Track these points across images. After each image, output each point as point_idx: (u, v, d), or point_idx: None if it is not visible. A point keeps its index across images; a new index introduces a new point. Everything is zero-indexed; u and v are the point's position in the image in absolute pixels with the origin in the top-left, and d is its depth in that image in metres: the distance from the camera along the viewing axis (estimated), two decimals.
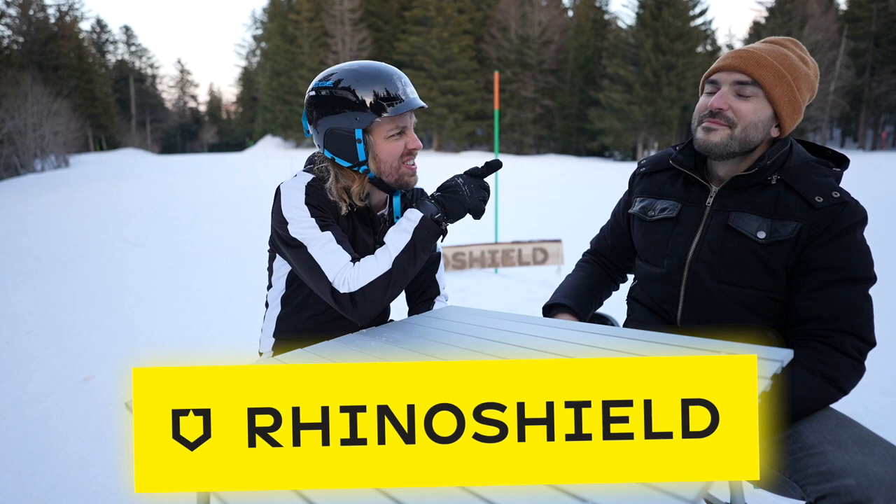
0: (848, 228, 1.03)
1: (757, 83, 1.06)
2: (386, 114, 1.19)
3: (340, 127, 1.21)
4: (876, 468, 0.85)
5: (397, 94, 1.20)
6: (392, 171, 1.25)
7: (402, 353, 0.99)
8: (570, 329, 1.08)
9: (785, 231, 1.06)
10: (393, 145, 1.23)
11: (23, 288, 5.06)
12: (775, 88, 1.06)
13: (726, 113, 1.08)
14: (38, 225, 8.85)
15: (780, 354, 0.84)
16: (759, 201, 1.11)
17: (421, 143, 1.28)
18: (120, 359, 3.21)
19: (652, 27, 32.78)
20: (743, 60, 1.07)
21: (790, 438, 0.98)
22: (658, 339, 0.97)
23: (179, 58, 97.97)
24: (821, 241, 1.04)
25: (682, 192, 1.23)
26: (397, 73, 1.24)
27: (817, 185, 1.07)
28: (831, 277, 1.03)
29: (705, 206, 1.18)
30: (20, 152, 24.80)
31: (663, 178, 1.29)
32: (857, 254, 1.04)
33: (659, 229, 1.24)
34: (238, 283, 4.98)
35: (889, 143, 35.51)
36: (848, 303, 1.02)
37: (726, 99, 1.08)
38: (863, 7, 35.84)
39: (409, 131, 1.26)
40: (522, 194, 11.84)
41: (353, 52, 38.06)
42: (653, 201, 1.28)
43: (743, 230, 1.10)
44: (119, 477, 1.98)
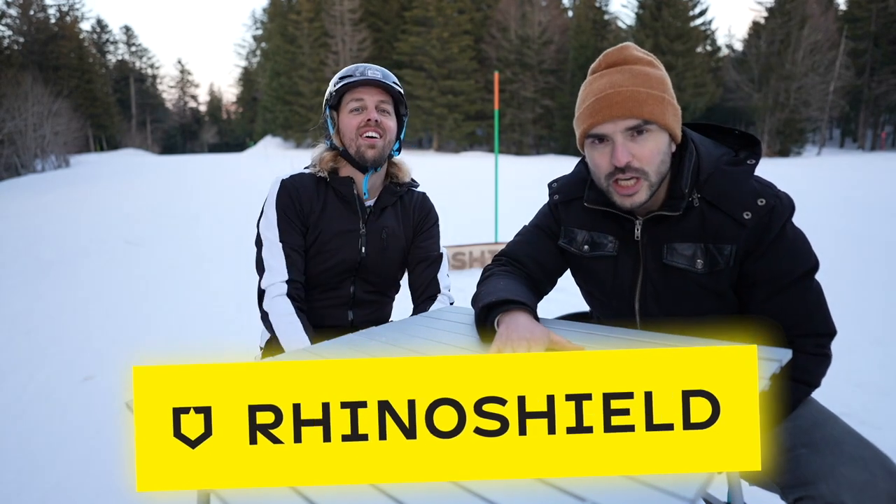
0: (779, 233, 1.00)
1: (648, 121, 0.99)
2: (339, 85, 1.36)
3: (324, 112, 1.45)
4: (845, 469, 0.85)
5: (354, 73, 1.37)
6: (350, 142, 1.38)
7: (402, 353, 0.99)
8: (569, 329, 1.08)
9: (722, 258, 1.03)
10: (352, 118, 1.37)
11: (23, 288, 5.06)
12: (665, 113, 1.00)
13: (633, 164, 1.00)
14: (38, 225, 8.85)
15: (779, 354, 0.84)
16: (687, 226, 1.06)
17: (377, 116, 1.37)
18: (120, 359, 3.21)
19: (652, 27, 32.79)
20: (623, 106, 0.99)
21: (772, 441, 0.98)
22: (657, 338, 0.97)
23: (179, 58, 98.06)
24: (756, 255, 1.02)
25: (613, 225, 1.15)
26: (369, 65, 1.41)
27: (740, 198, 1.02)
28: (776, 286, 1.01)
29: (636, 241, 1.12)
30: (20, 152, 24.81)
31: (584, 207, 1.19)
32: (793, 252, 1.01)
33: (598, 267, 1.17)
34: (238, 282, 4.99)
35: (889, 143, 35.51)
36: (799, 306, 1.00)
37: (628, 150, 1.00)
38: (862, 7, 35.84)
39: (369, 107, 1.37)
40: (522, 194, 11.83)
41: (353, 52, 38.04)
42: (585, 233, 1.19)
43: (680, 265, 1.06)
44: (119, 477, 1.98)
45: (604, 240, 1.16)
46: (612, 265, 1.15)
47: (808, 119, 34.12)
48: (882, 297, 3.96)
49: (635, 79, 1.00)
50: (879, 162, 19.52)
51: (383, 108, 1.39)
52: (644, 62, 1.04)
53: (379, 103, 1.38)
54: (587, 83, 1.07)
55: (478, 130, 39.00)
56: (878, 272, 4.73)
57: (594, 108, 1.02)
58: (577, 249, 1.19)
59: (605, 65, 1.05)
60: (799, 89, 32.96)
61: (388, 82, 1.38)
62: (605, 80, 1.02)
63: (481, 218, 7.49)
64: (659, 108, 1.00)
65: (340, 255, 1.41)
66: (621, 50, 1.05)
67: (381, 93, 1.39)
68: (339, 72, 1.44)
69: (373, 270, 1.46)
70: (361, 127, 1.36)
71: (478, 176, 14.62)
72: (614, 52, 1.05)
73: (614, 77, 1.02)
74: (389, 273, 1.51)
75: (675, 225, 1.07)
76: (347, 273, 1.43)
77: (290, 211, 1.38)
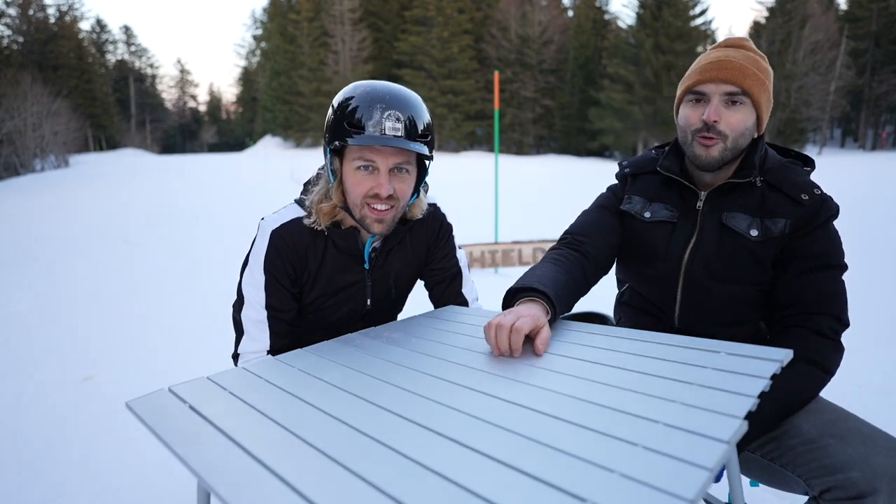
0: (825, 220, 1.10)
1: (746, 93, 1.11)
2: (350, 139, 1.07)
3: (326, 141, 1.15)
4: (879, 459, 0.87)
5: (366, 125, 1.06)
6: (355, 207, 1.14)
7: (402, 353, 0.99)
8: (569, 329, 1.08)
9: (776, 228, 1.11)
10: (358, 179, 1.11)
11: (23, 288, 5.06)
12: (761, 95, 1.12)
13: (719, 126, 1.11)
14: (37, 225, 8.85)
15: (780, 354, 0.84)
16: (747, 202, 1.16)
17: (389, 190, 1.11)
18: (120, 359, 3.21)
19: (652, 27, 32.74)
20: (730, 72, 1.10)
21: (789, 433, 0.99)
22: (658, 339, 0.97)
23: (179, 58, 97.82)
24: (802, 233, 1.11)
25: (675, 197, 1.24)
26: (390, 100, 1.08)
27: (799, 184, 1.13)
28: (811, 264, 1.09)
29: (697, 210, 1.21)
30: (20, 152, 24.80)
31: (651, 181, 1.30)
32: (832, 243, 1.11)
33: (656, 232, 1.24)
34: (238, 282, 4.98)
35: (889, 142, 35.48)
36: (826, 287, 1.08)
37: (719, 111, 1.11)
38: (863, 7, 35.83)
39: (381, 172, 1.10)
40: (522, 194, 11.84)
41: (352, 52, 38.02)
42: (646, 202, 1.28)
43: (737, 228, 1.14)
44: (119, 477, 1.98)
45: (665, 209, 1.24)
46: (668, 231, 1.23)
47: (809, 119, 34.08)
48: (883, 297, 3.96)
49: (747, 58, 1.12)
50: (880, 162, 19.51)
51: (400, 168, 1.13)
52: (758, 53, 1.15)
53: (395, 165, 1.12)
54: (703, 55, 1.19)
55: (478, 130, 38.98)
56: (880, 272, 4.73)
57: (705, 68, 1.13)
58: (638, 214, 1.28)
59: (725, 44, 1.17)
60: (800, 89, 32.93)
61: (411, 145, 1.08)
62: (720, 52, 1.14)
63: (481, 218, 7.49)
64: (759, 87, 1.11)
65: (345, 309, 1.27)
66: (740, 38, 1.17)
67: (402, 153, 1.11)
68: (347, 91, 1.12)
69: (380, 315, 1.34)
70: (369, 196, 1.12)
71: (478, 176, 14.62)
72: (735, 38, 1.18)
73: (730, 52, 1.13)
74: (398, 308, 1.42)
75: (737, 200, 1.16)
76: (353, 322, 1.31)
77: (282, 275, 1.17)
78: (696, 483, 0.51)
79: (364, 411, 0.74)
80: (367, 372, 0.90)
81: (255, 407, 0.77)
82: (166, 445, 0.68)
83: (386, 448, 0.63)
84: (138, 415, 0.77)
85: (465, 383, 0.81)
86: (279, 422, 0.72)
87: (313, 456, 0.63)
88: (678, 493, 0.50)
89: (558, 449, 0.60)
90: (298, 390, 0.83)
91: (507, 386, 0.79)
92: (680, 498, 0.49)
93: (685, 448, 0.58)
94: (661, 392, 0.73)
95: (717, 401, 0.69)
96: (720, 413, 0.65)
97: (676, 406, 0.68)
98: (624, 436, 0.61)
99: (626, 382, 0.77)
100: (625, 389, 0.75)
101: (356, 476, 0.58)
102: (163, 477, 1.96)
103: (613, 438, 0.61)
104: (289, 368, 0.94)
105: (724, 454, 0.56)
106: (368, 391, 0.81)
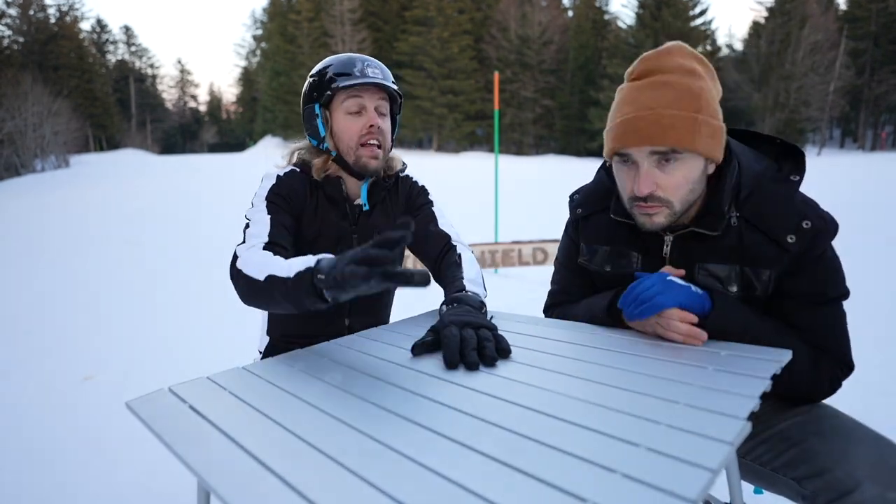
0: (820, 255, 0.96)
1: (676, 150, 0.93)
2: (335, 84, 1.22)
3: (305, 105, 1.29)
4: (858, 450, 0.87)
5: (352, 71, 1.24)
6: (349, 150, 1.26)
7: (402, 353, 0.99)
8: (569, 329, 1.08)
9: (760, 283, 0.98)
10: (350, 123, 1.25)
11: (23, 288, 5.06)
12: (694, 141, 0.93)
13: (657, 194, 0.96)
14: (38, 225, 8.85)
15: (780, 355, 0.84)
16: (723, 246, 1.00)
17: (378, 121, 1.25)
18: (120, 359, 3.21)
19: (652, 27, 32.79)
20: (648, 133, 0.93)
21: (778, 436, 0.99)
22: (658, 339, 0.97)
23: (179, 58, 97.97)
24: (796, 272, 0.97)
25: (637, 240, 1.09)
26: (364, 57, 1.28)
27: (784, 220, 0.96)
28: (806, 302, 0.97)
29: (664, 257, 1.06)
30: (20, 152, 24.82)
31: (605, 221, 1.15)
32: (829, 275, 0.97)
33: (623, 282, 1.08)
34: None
35: (889, 143, 35.50)
36: (825, 324, 0.97)
37: (652, 178, 0.95)
38: (863, 7, 35.83)
39: (369, 111, 1.25)
40: (522, 194, 11.84)
41: (352, 52, 38.00)
42: (604, 253, 1.14)
43: (714, 286, 1.00)
44: (119, 477, 1.98)
45: (626, 256, 1.11)
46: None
47: (809, 119, 34.12)
48: (883, 297, 3.96)
49: (664, 97, 0.93)
50: (880, 162, 19.52)
51: (381, 111, 1.28)
52: (682, 70, 0.95)
53: (379, 105, 1.27)
54: (619, 92, 1.02)
55: (478, 130, 39.01)
56: (879, 272, 4.73)
57: (620, 130, 0.97)
58: (598, 268, 1.16)
59: (638, 74, 0.99)
60: (799, 89, 32.96)
61: (389, 83, 1.27)
62: (633, 97, 0.97)
63: (481, 218, 7.49)
64: (688, 134, 0.92)
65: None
66: (660, 56, 0.97)
67: (381, 93, 1.28)
68: (322, 63, 1.29)
69: None
70: (364, 134, 1.24)
71: (478, 176, 14.62)
72: (652, 58, 0.98)
73: (643, 95, 0.95)
74: None
75: (710, 244, 1.01)
76: None
77: (283, 201, 1.24)
78: (698, 483, 0.51)
79: (364, 411, 0.74)
80: (367, 372, 0.90)
81: (255, 407, 0.77)
82: (166, 445, 0.67)
83: (386, 448, 0.63)
84: (138, 415, 0.77)
85: (465, 383, 0.81)
86: (279, 422, 0.72)
87: (313, 456, 0.62)
88: (680, 493, 0.49)
89: (559, 449, 0.60)
90: (298, 390, 0.83)
91: (507, 386, 0.79)
92: (682, 498, 0.49)
93: (687, 448, 0.58)
94: (662, 392, 0.73)
95: (719, 401, 0.69)
96: (722, 414, 0.65)
97: (678, 406, 0.68)
98: (625, 436, 0.61)
99: (627, 383, 0.77)
100: (626, 390, 0.75)
101: (356, 476, 0.57)
102: (163, 477, 1.95)
103: (615, 439, 0.61)
104: (289, 368, 0.94)
105: (726, 455, 0.56)
106: (368, 391, 0.81)
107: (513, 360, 0.90)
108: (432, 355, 0.96)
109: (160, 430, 0.71)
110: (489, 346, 0.90)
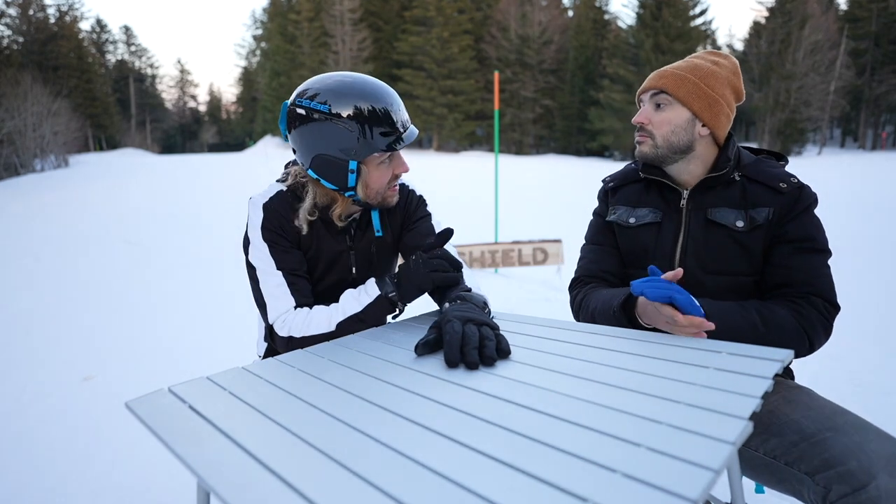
0: (807, 207, 1.18)
1: (664, 91, 1.23)
2: (384, 150, 1.17)
3: (333, 155, 1.16)
4: (873, 445, 0.89)
5: (396, 128, 1.17)
6: (377, 195, 1.24)
7: (402, 353, 0.99)
8: (570, 329, 1.08)
9: (760, 217, 1.18)
10: (383, 173, 1.22)
11: (23, 288, 5.06)
12: (679, 90, 1.21)
13: (647, 127, 1.26)
14: (37, 225, 8.85)
15: (781, 355, 0.84)
16: (729, 196, 1.23)
17: (408, 167, 1.27)
18: (120, 359, 3.21)
19: (652, 27, 32.78)
20: (654, 79, 1.25)
21: (790, 430, 1.00)
22: (659, 339, 0.97)
23: (179, 58, 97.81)
24: (788, 218, 1.17)
25: (658, 199, 1.32)
26: (392, 97, 1.18)
27: (777, 174, 1.20)
28: (799, 247, 1.16)
29: (682, 208, 1.27)
30: (20, 152, 24.82)
31: (633, 189, 1.38)
32: (817, 228, 1.18)
33: (643, 234, 1.31)
34: (239, 283, 4.99)
35: (889, 143, 35.50)
36: (815, 269, 1.15)
37: (646, 114, 1.26)
38: (863, 7, 35.85)
39: (397, 156, 1.24)
40: (522, 194, 11.84)
41: (352, 52, 38.02)
42: (630, 209, 1.35)
43: (723, 221, 1.21)
44: (119, 477, 1.98)
45: (649, 212, 1.32)
46: (655, 231, 1.30)
47: (809, 119, 34.11)
48: (883, 297, 3.96)
49: (679, 64, 1.25)
50: (880, 161, 19.51)
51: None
52: (704, 58, 1.25)
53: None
54: None
55: (478, 130, 39.00)
56: (879, 272, 4.72)
57: (642, 84, 1.30)
58: (623, 222, 1.35)
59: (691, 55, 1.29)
60: (799, 89, 32.95)
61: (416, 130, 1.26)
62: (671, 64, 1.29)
63: (481, 218, 7.49)
64: (676, 84, 1.22)
65: (333, 278, 1.32)
66: (710, 52, 1.28)
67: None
68: (341, 96, 1.13)
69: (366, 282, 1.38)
70: (392, 179, 1.25)
71: (478, 176, 14.63)
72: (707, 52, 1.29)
73: (679, 62, 1.27)
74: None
75: (719, 194, 1.24)
76: (342, 290, 1.31)
77: (281, 238, 1.23)
78: (699, 483, 0.51)
79: (364, 411, 0.73)
80: (367, 372, 0.89)
81: (255, 407, 0.77)
82: (166, 445, 0.67)
83: (386, 448, 0.63)
84: (138, 415, 0.77)
85: (465, 383, 0.81)
86: (279, 422, 0.71)
87: (313, 456, 0.62)
88: (681, 493, 0.49)
89: (560, 449, 0.60)
90: (298, 390, 0.82)
91: (507, 386, 0.79)
92: (683, 498, 0.49)
93: (689, 449, 0.57)
94: (663, 392, 0.73)
95: (721, 401, 0.68)
96: (724, 413, 0.65)
97: (680, 406, 0.68)
98: (626, 436, 0.61)
99: (628, 383, 0.77)
100: (627, 390, 0.74)
101: (356, 476, 0.57)
102: (163, 477, 1.95)
103: (616, 439, 0.61)
104: (289, 368, 0.94)
105: (728, 455, 0.56)
106: (368, 391, 0.81)
107: (513, 360, 0.90)
108: (432, 355, 0.96)
109: (160, 430, 0.71)
110: (490, 344, 0.90)
